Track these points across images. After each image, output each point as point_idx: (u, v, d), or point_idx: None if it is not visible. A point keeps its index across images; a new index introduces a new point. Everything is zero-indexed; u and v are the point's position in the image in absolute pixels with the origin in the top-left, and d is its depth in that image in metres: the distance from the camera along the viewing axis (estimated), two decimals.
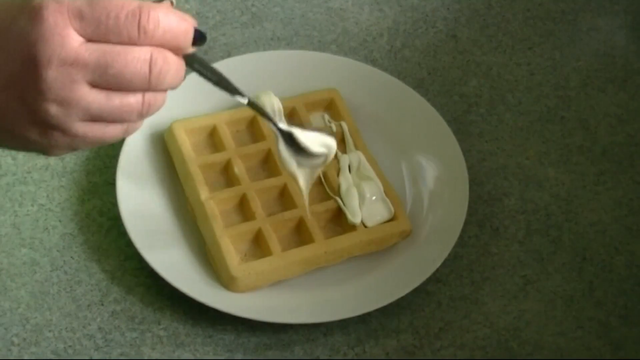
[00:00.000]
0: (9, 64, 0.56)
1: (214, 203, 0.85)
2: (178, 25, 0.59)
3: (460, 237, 0.86)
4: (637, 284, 0.87)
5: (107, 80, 0.58)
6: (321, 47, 1.02)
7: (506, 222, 0.90)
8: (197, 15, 1.03)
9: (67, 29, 0.56)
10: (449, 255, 0.84)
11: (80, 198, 0.88)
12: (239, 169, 0.87)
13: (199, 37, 0.61)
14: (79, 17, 0.56)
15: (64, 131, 0.59)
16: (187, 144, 0.88)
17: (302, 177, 0.80)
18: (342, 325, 0.82)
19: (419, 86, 0.98)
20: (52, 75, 0.56)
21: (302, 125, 0.85)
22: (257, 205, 0.85)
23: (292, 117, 0.93)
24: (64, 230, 0.86)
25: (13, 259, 0.84)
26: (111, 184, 0.87)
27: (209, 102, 0.93)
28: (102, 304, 0.82)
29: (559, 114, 0.99)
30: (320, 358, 0.80)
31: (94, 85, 0.58)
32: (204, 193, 0.85)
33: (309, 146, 0.74)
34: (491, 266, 0.87)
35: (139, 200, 0.86)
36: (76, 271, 0.84)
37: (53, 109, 0.58)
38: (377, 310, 0.82)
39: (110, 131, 0.61)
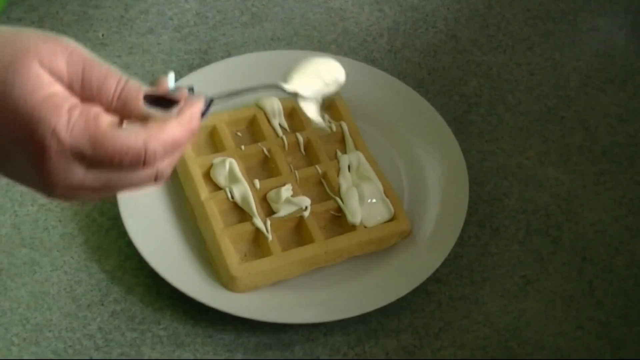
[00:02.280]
0: (18, 165, 0.57)
1: (214, 203, 0.85)
2: (182, 138, 0.59)
3: (460, 237, 0.86)
4: (637, 284, 0.87)
5: (113, 189, 0.60)
6: (321, 47, 1.02)
7: (506, 222, 0.90)
8: (197, 15, 1.03)
9: (69, 165, 0.57)
10: (449, 255, 0.84)
11: None
12: (239, 168, 0.87)
13: (208, 107, 0.62)
14: (81, 157, 0.56)
15: (74, 201, 0.62)
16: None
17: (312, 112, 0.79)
18: (342, 325, 0.82)
19: (419, 86, 0.98)
20: (59, 192, 0.58)
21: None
22: (257, 205, 0.85)
23: (292, 117, 0.93)
24: (64, 230, 0.86)
25: (13, 259, 0.84)
26: None
27: None
28: (102, 304, 0.82)
29: (559, 114, 0.99)
30: (320, 358, 0.81)
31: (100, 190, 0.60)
32: (204, 193, 0.85)
33: (313, 114, 0.77)
34: (491, 266, 0.87)
35: (139, 200, 0.86)
36: (76, 271, 0.84)
37: (61, 198, 0.60)
38: (377, 310, 0.82)
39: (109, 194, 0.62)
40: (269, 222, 0.84)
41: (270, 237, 0.83)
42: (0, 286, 0.82)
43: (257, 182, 0.87)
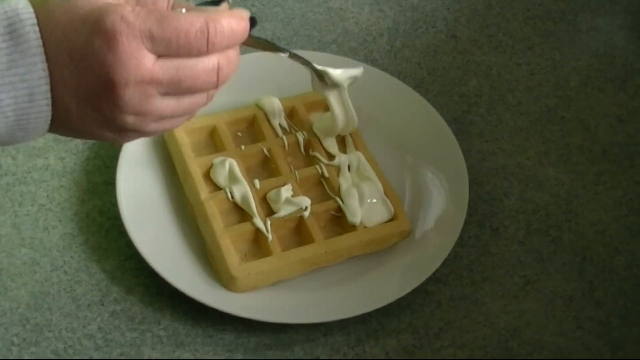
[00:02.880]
0: (87, 80, 0.59)
1: (214, 203, 0.85)
2: (239, 29, 0.62)
3: (460, 237, 0.86)
4: (637, 284, 0.87)
5: (180, 92, 0.62)
6: (321, 47, 1.02)
7: (506, 222, 0.90)
8: None
9: (141, 51, 0.59)
10: (449, 255, 0.84)
11: (80, 198, 0.88)
12: (239, 168, 0.87)
13: (252, 24, 0.65)
14: (151, 37, 0.59)
15: (138, 132, 0.63)
16: (187, 144, 0.88)
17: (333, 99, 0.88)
18: (342, 325, 0.82)
19: (419, 86, 0.98)
20: (129, 93, 0.60)
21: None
22: (257, 205, 0.85)
23: (292, 117, 0.93)
24: (64, 230, 0.86)
25: (13, 259, 0.84)
26: (111, 184, 0.87)
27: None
28: (102, 304, 0.82)
29: (559, 114, 0.99)
30: (320, 358, 0.81)
31: (167, 94, 0.62)
32: (204, 193, 0.85)
33: (340, 81, 0.87)
34: (491, 266, 0.87)
35: (139, 200, 0.86)
36: (76, 271, 0.84)
37: (130, 119, 0.61)
38: (377, 310, 0.82)
39: (177, 122, 0.65)
40: (269, 222, 0.84)
41: (270, 237, 0.83)
42: (0, 286, 0.82)
43: (257, 182, 0.87)
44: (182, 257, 0.84)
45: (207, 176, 0.87)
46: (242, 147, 0.90)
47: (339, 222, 0.86)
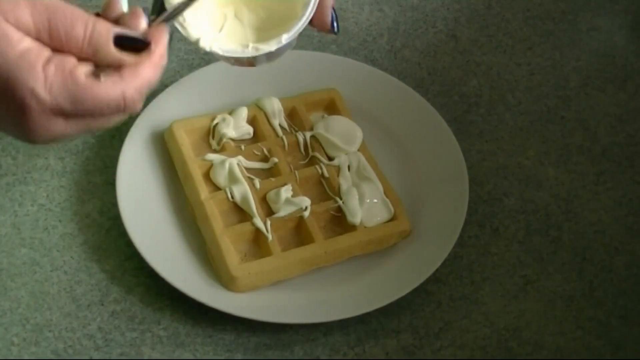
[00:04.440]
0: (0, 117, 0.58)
1: (214, 203, 0.85)
2: (156, 78, 0.61)
3: (460, 237, 0.86)
4: (637, 284, 0.87)
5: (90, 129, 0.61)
6: (321, 47, 1.02)
7: (506, 222, 0.90)
8: None
9: (50, 121, 0.58)
10: (449, 255, 0.84)
11: (80, 198, 0.88)
12: (239, 168, 0.87)
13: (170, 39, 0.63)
14: (62, 113, 0.57)
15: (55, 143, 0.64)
16: (187, 144, 0.88)
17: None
18: (342, 325, 0.82)
19: (419, 86, 0.98)
20: (41, 140, 0.59)
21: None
22: (257, 205, 0.85)
23: (292, 117, 0.93)
24: (64, 230, 0.86)
25: (13, 259, 0.84)
26: (111, 184, 0.87)
27: (209, 102, 0.93)
28: (102, 304, 0.82)
29: (559, 114, 0.99)
30: (320, 358, 0.81)
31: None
32: (204, 193, 0.85)
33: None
34: (491, 266, 0.87)
35: (139, 200, 0.86)
36: (76, 271, 0.84)
37: (40, 143, 0.61)
38: (377, 310, 0.82)
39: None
40: (269, 222, 0.84)
41: (270, 237, 0.83)
42: (0, 286, 0.82)
43: (257, 182, 0.87)
44: (182, 257, 0.84)
45: (207, 176, 0.87)
46: (242, 147, 0.90)
47: (339, 222, 0.86)
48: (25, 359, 0.79)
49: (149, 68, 0.60)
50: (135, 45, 0.59)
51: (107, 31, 0.58)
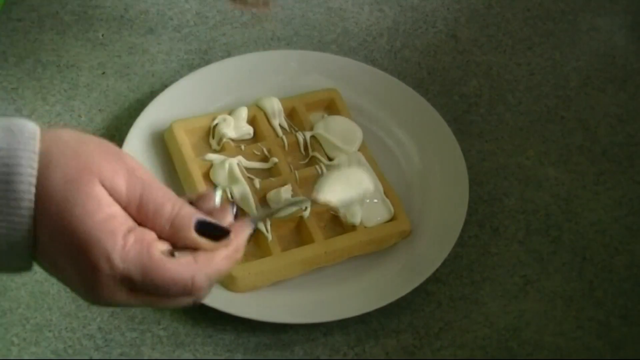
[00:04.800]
0: (66, 272, 0.59)
1: None
2: (227, 270, 0.61)
3: (460, 237, 0.86)
4: (637, 284, 0.87)
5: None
6: (321, 47, 1.02)
7: (506, 222, 0.90)
8: (197, 15, 1.03)
9: (117, 288, 0.58)
10: (449, 255, 0.84)
11: None
12: (239, 168, 0.87)
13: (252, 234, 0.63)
14: (130, 282, 0.58)
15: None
16: (187, 144, 0.88)
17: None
18: (342, 325, 0.82)
19: (419, 86, 0.98)
20: (102, 304, 0.60)
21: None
22: (257, 205, 0.85)
23: (292, 117, 0.93)
24: None
25: None
26: None
27: (209, 102, 0.93)
28: None
29: (559, 114, 0.99)
30: (320, 358, 0.81)
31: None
32: None
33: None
34: (491, 266, 0.87)
35: None
36: None
37: (103, 305, 0.61)
38: (377, 310, 0.82)
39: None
40: (269, 222, 0.84)
41: (270, 237, 0.83)
42: (0, 286, 0.82)
43: (257, 182, 0.87)
44: None
45: (207, 176, 0.87)
46: (242, 147, 0.90)
47: (339, 222, 0.86)
48: (25, 359, 0.79)
49: (223, 257, 0.60)
50: (216, 234, 0.60)
51: (190, 215, 0.59)
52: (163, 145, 0.90)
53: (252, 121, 0.92)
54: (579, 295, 0.86)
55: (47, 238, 0.57)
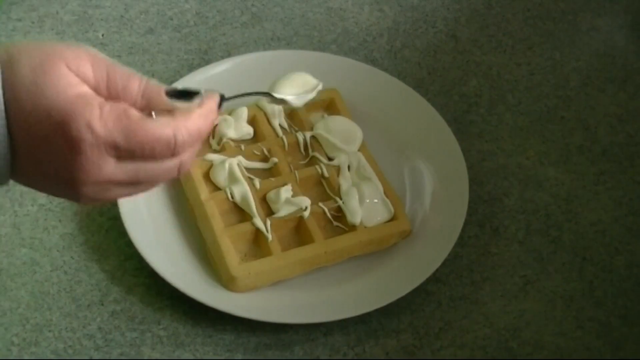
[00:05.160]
0: (47, 168, 0.59)
1: (214, 203, 0.85)
2: (205, 128, 0.63)
3: (460, 237, 0.86)
4: (637, 284, 0.87)
5: (137, 184, 0.62)
6: (321, 47, 1.02)
7: (506, 222, 0.90)
8: (197, 15, 1.03)
9: (102, 158, 0.58)
10: (449, 255, 0.84)
11: None
12: (239, 168, 0.87)
13: (221, 102, 0.65)
14: (115, 148, 0.58)
15: (99, 201, 0.63)
16: None
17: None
18: (342, 325, 0.82)
19: (419, 86, 0.98)
20: (87, 189, 0.60)
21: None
22: (257, 205, 0.85)
23: (292, 117, 0.93)
24: (64, 230, 0.86)
25: (13, 259, 0.84)
26: None
27: None
28: (102, 304, 0.82)
29: (559, 114, 0.99)
30: (320, 358, 0.81)
31: (125, 185, 0.62)
32: (204, 193, 0.85)
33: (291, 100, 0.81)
34: (491, 266, 0.87)
35: (139, 200, 0.86)
36: (76, 271, 0.84)
37: (86, 200, 0.61)
38: (377, 310, 0.82)
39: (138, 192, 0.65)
40: (269, 222, 0.84)
41: (270, 237, 0.83)
42: (0, 286, 0.82)
43: (257, 182, 0.87)
44: (182, 257, 0.84)
45: (207, 176, 0.87)
46: (242, 147, 0.90)
47: (339, 222, 0.86)
48: (25, 359, 0.79)
49: (200, 115, 0.62)
50: (186, 95, 0.62)
51: (158, 85, 0.62)
52: None
53: (252, 121, 0.92)
54: (579, 295, 0.86)
55: (24, 135, 0.58)
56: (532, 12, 1.07)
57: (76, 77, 0.59)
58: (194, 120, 0.61)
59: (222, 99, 0.65)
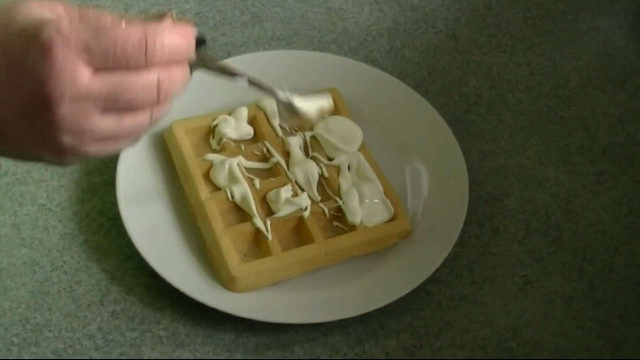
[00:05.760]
0: (22, 97, 0.58)
1: (214, 203, 0.85)
2: (181, 43, 0.61)
3: (460, 237, 0.86)
4: (637, 284, 0.87)
5: (118, 107, 0.60)
6: (321, 47, 1.02)
7: (506, 222, 0.90)
8: (197, 15, 1.03)
9: (76, 65, 0.57)
10: (449, 255, 0.84)
11: (80, 198, 0.88)
12: (239, 168, 0.87)
13: (200, 42, 0.64)
14: (87, 49, 0.58)
15: (78, 153, 0.61)
16: (187, 144, 0.88)
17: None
18: (342, 325, 0.82)
19: (419, 86, 0.98)
20: (65, 110, 0.58)
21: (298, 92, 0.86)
22: (257, 205, 0.85)
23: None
24: (64, 230, 0.86)
25: (13, 259, 0.84)
26: (111, 184, 0.87)
27: (209, 102, 0.93)
28: (102, 304, 0.82)
29: (559, 114, 0.99)
30: (320, 358, 0.81)
31: (106, 111, 0.60)
32: (204, 193, 0.85)
33: (307, 112, 0.77)
34: (491, 266, 0.87)
35: (139, 200, 0.86)
36: (76, 271, 0.84)
37: (67, 139, 0.60)
38: (377, 310, 0.82)
39: (120, 145, 0.63)
40: (269, 222, 0.84)
41: (270, 237, 0.83)
42: (0, 286, 0.82)
43: (257, 182, 0.87)
44: (182, 257, 0.84)
45: (207, 176, 0.87)
46: (242, 147, 0.90)
47: (339, 222, 0.86)
48: (25, 359, 0.79)
49: (173, 30, 0.60)
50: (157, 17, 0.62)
51: (131, 16, 0.61)
52: (163, 145, 0.90)
53: (252, 121, 0.92)
54: (579, 295, 0.86)
55: (2, 71, 0.58)
56: (532, 12, 1.07)
57: (48, 9, 0.59)
58: (168, 32, 0.60)
59: (202, 41, 0.64)
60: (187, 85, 0.64)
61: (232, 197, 0.85)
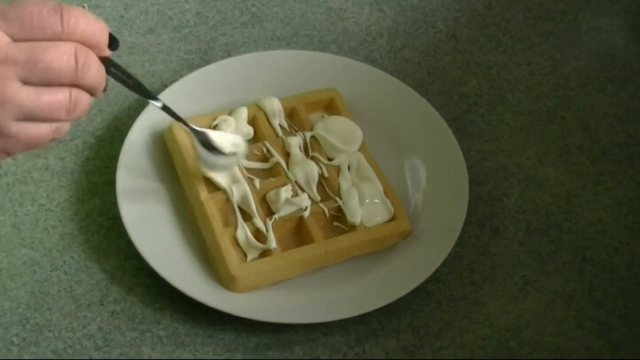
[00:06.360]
0: None
1: (214, 203, 0.85)
2: (95, 24, 0.62)
3: (460, 237, 0.86)
4: (637, 284, 0.87)
5: (37, 75, 0.61)
6: (321, 47, 1.02)
7: (506, 222, 0.90)
8: (197, 15, 1.03)
9: None
10: (449, 255, 0.84)
11: (80, 198, 0.88)
12: (239, 168, 0.87)
13: (112, 41, 0.65)
14: (3, 17, 0.59)
15: (2, 133, 0.61)
16: (187, 144, 0.88)
17: (220, 177, 0.86)
18: (342, 325, 0.82)
19: (419, 86, 0.98)
20: None
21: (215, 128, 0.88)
22: (257, 205, 0.85)
23: (292, 117, 0.93)
24: (64, 230, 0.86)
25: (13, 259, 0.84)
26: (111, 184, 0.87)
27: (209, 102, 0.93)
28: (102, 304, 0.82)
29: (559, 114, 0.99)
30: (320, 358, 0.81)
31: (25, 81, 0.61)
32: (203, 193, 0.85)
33: (221, 146, 0.82)
34: (491, 266, 0.87)
35: (139, 200, 0.86)
36: (76, 271, 0.84)
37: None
38: (377, 310, 0.82)
39: (41, 130, 0.63)
40: (269, 222, 0.84)
41: (270, 237, 0.83)
42: (0, 286, 0.82)
43: (257, 182, 0.87)
44: (182, 257, 0.84)
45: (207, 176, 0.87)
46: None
47: (339, 222, 0.86)
48: (25, 359, 0.79)
49: (85, 12, 0.61)
50: None
51: None
52: (163, 145, 0.90)
53: (252, 121, 0.92)
54: (579, 295, 0.86)
55: None
56: (532, 12, 1.07)
57: None
58: (82, 11, 0.61)
59: (115, 42, 0.65)
60: (104, 79, 0.64)
61: (232, 197, 0.85)
